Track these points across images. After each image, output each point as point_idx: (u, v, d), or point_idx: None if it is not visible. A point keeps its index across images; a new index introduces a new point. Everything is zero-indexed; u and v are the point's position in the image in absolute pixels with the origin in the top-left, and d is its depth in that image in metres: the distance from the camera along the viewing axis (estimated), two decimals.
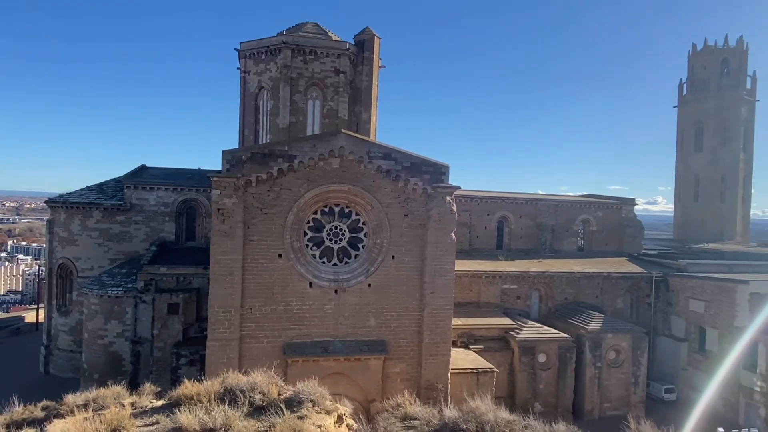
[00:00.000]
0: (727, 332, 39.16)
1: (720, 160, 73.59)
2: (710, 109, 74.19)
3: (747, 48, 75.36)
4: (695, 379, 41.72)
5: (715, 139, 73.74)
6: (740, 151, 74.24)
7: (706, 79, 75.64)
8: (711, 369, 40.34)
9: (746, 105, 74.80)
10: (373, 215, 29.10)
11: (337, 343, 28.38)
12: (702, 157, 75.16)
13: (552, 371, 37.30)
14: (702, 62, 76.52)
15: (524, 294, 43.19)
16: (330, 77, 39.87)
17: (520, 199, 51.51)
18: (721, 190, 73.88)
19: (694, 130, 76.53)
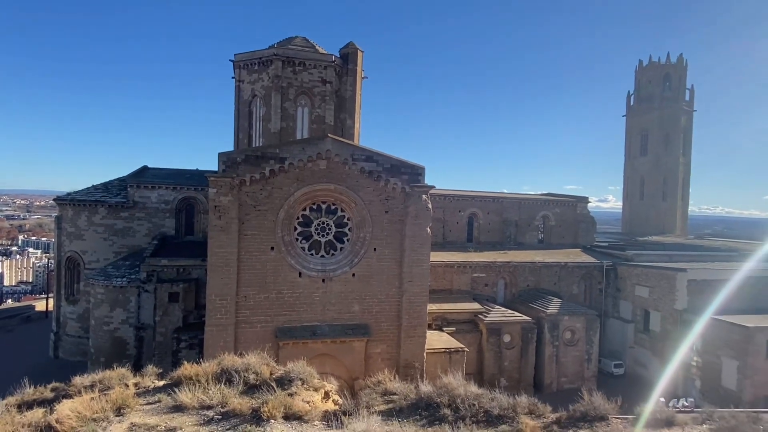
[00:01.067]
0: (668, 314, 40.11)
1: (662, 164, 75.17)
2: (654, 119, 75.67)
3: (686, 64, 77.02)
4: (639, 356, 42.69)
5: (659, 145, 75.27)
6: (680, 155, 75.90)
7: (650, 92, 77.11)
8: (654, 347, 41.35)
9: (685, 115, 76.47)
10: (357, 212, 29.06)
11: (325, 327, 28.32)
12: (647, 160, 76.66)
13: (515, 350, 37.74)
14: (647, 77, 77.96)
15: (491, 282, 43.59)
16: (318, 87, 39.57)
17: (488, 197, 51.90)
18: (663, 190, 75.51)
19: (640, 137, 77.98)
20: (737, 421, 11.21)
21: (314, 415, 10.34)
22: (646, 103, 77.17)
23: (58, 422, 9.26)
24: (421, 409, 11.59)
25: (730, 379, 33.98)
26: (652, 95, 76.73)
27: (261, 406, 10.14)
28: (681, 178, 76.16)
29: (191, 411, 10.27)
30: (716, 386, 34.61)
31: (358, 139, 42.18)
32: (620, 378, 41.60)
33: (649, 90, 77.42)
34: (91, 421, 9.62)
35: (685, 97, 76.76)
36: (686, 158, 77.15)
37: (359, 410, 10.49)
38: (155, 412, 10.39)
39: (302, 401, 10.87)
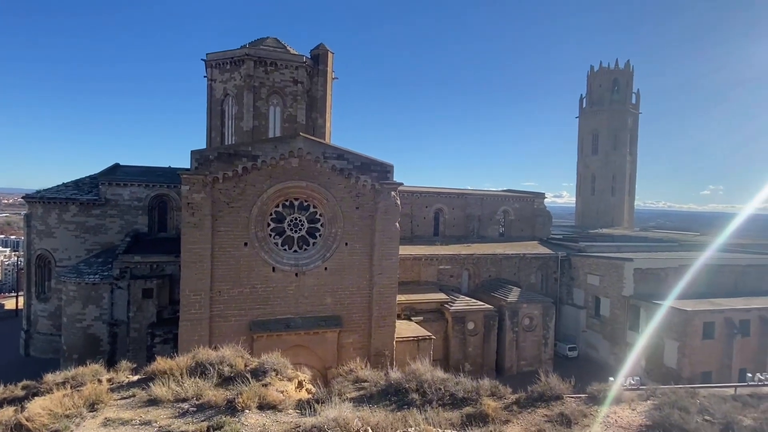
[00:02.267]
0: (617, 300, 41.69)
1: (611, 162, 77.84)
2: (604, 120, 78.19)
3: (632, 70, 79.85)
4: (592, 339, 44.25)
5: (608, 144, 77.87)
6: (627, 154, 78.77)
7: (601, 95, 79.59)
8: (604, 330, 42.94)
9: (632, 117, 79.34)
10: (329, 208, 28.90)
11: (298, 320, 28.08)
12: (597, 159, 79.20)
13: (479, 336, 38.43)
14: (598, 81, 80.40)
15: (456, 273, 44.16)
16: (289, 86, 39.00)
17: (453, 193, 52.48)
18: (612, 186, 78.24)
19: (591, 137, 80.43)
20: (677, 396, 11.81)
21: (288, 404, 10.26)
22: (597, 106, 79.66)
23: (28, 420, 8.85)
24: (391, 394, 11.67)
25: (672, 358, 35.67)
26: (602, 98, 79.25)
27: (236, 396, 9.98)
28: (628, 175, 79.09)
29: (166, 404, 10.02)
30: (659, 365, 36.26)
31: (329, 138, 41.89)
32: (574, 360, 43.01)
33: (599, 93, 79.91)
34: (64, 417, 9.24)
35: (632, 100, 79.61)
36: (632, 157, 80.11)
37: (332, 398, 10.47)
38: (129, 407, 10.07)
39: (276, 391, 10.77)
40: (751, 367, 33.61)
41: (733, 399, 12.81)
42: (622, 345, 40.74)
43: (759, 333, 36.60)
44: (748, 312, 36.71)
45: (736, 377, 33.87)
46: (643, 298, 39.26)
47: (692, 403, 11.42)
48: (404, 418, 9.69)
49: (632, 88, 79.80)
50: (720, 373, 35.06)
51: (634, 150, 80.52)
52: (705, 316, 35.37)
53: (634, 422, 10.96)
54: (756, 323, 36.71)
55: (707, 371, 35.06)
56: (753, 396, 13.38)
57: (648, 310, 38.27)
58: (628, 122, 78.68)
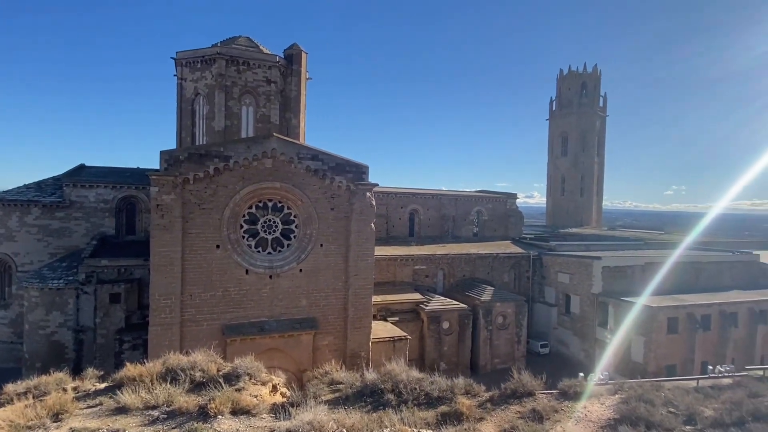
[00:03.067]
0: (586, 298, 42.82)
1: (580, 163, 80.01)
2: (573, 123, 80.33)
3: (600, 74, 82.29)
4: (562, 336, 45.32)
5: (577, 146, 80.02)
6: (595, 155, 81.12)
7: (570, 98, 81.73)
8: (574, 327, 44.04)
9: (599, 119, 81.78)
10: (304, 209, 28.66)
11: (272, 323, 27.71)
12: (567, 160, 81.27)
13: (454, 335, 38.80)
14: (567, 84, 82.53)
15: (431, 273, 44.47)
16: (262, 86, 38.47)
17: (428, 194, 52.84)
18: (581, 187, 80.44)
19: (561, 139, 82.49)
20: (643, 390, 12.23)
21: (262, 409, 10.12)
22: (566, 109, 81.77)
23: None
24: (367, 395, 11.67)
25: (638, 353, 36.87)
26: (571, 101, 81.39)
27: (208, 402, 9.78)
28: (596, 176, 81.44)
29: (135, 412, 9.72)
30: (627, 360, 37.43)
31: (304, 139, 41.54)
32: (546, 356, 43.94)
33: (568, 96, 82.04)
34: (26, 429, 8.85)
35: (599, 103, 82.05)
36: (600, 158, 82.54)
37: (307, 401, 10.39)
38: (96, 416, 9.73)
39: (250, 395, 10.60)
40: (712, 360, 35.07)
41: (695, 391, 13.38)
42: (591, 341, 41.86)
43: (719, 327, 38.25)
44: (710, 307, 38.32)
45: (698, 370, 35.32)
46: (611, 295, 40.45)
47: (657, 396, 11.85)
48: (380, 419, 9.70)
49: (600, 92, 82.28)
50: (683, 366, 36.46)
51: (602, 152, 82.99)
52: (669, 312, 36.72)
53: (603, 416, 11.28)
54: (716, 318, 38.35)
55: (672, 365, 36.39)
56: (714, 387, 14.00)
57: (616, 307, 39.46)
58: (596, 125, 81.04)
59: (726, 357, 37.02)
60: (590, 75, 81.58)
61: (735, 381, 14.96)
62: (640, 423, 10.33)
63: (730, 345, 38.09)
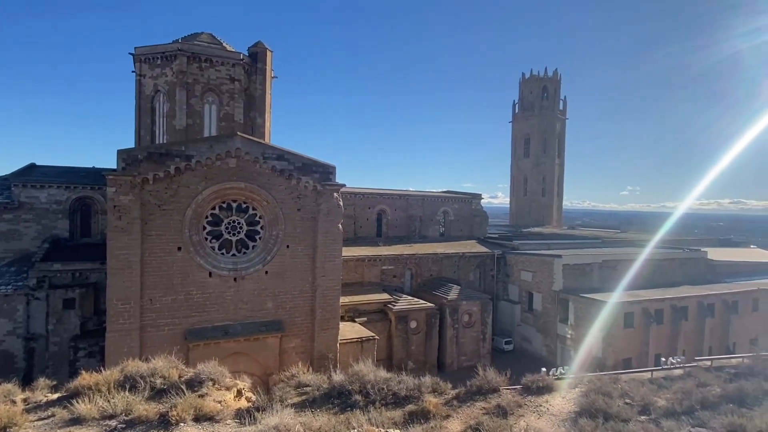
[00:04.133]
0: (548, 295, 44.17)
1: (541, 164, 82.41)
2: (535, 125, 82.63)
3: (560, 78, 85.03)
4: (526, 332, 46.56)
5: (538, 148, 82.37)
6: (556, 157, 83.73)
7: (531, 101, 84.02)
8: (537, 324, 45.32)
9: (559, 122, 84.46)
10: (269, 210, 28.28)
11: (237, 326, 27.19)
12: (529, 161, 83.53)
13: (421, 335, 39.16)
14: (529, 87, 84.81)
15: (399, 273, 44.74)
16: (225, 84, 37.61)
17: (395, 194, 53.11)
18: (543, 187, 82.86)
19: (523, 141, 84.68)
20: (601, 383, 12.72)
21: (226, 414, 9.88)
22: (528, 112, 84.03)
23: None
24: (334, 397, 11.60)
25: (597, 347, 38.32)
26: (532, 104, 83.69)
27: (169, 410, 9.46)
28: (557, 177, 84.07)
29: (91, 422, 9.29)
30: (587, 355, 38.82)
31: (269, 138, 40.90)
32: (510, 353, 45.04)
33: (530, 100, 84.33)
34: None
35: (560, 106, 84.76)
36: (561, 160, 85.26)
37: (273, 405, 10.22)
38: (49, 428, 9.24)
39: (213, 401, 10.34)
40: (665, 352, 36.87)
41: (649, 382, 14.04)
42: (553, 337, 43.20)
43: (671, 321, 40.28)
44: (662, 302, 40.30)
45: (652, 362, 37.07)
46: (571, 292, 41.88)
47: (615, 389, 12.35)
48: (347, 421, 9.66)
49: (560, 95, 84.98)
50: (639, 358, 38.18)
51: (562, 153, 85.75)
52: (626, 307, 38.37)
53: (564, 409, 11.66)
54: (668, 312, 40.38)
55: (628, 358, 38.03)
56: (666, 378, 14.73)
57: (576, 303, 40.87)
58: (557, 127, 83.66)
59: (677, 349, 39.04)
60: (551, 79, 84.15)
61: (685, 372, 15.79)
62: (598, 415, 10.75)
63: (681, 337, 40.19)
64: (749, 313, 44.96)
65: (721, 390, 12.72)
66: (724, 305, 43.44)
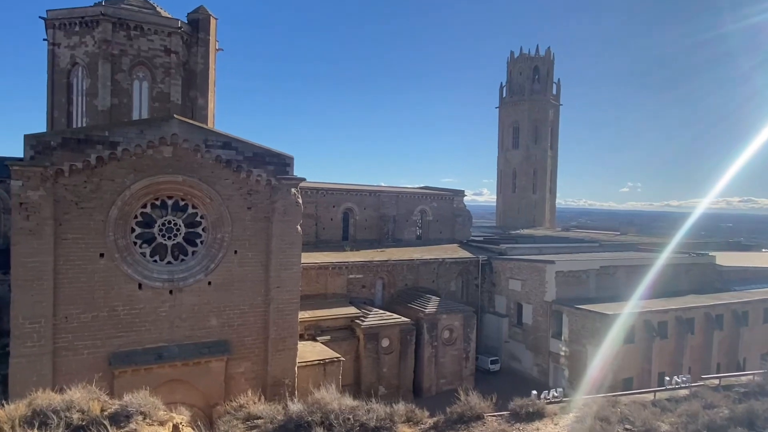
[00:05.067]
0: (539, 306, 45.14)
1: (532, 156, 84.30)
2: (525, 111, 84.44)
3: (553, 58, 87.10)
4: (514, 350, 47.46)
5: (529, 137, 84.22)
6: (548, 148, 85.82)
7: (521, 84, 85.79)
8: (527, 340, 46.27)
9: (552, 108, 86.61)
10: (213, 208, 27.87)
11: (174, 348, 26.68)
12: (518, 153, 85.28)
13: (394, 354, 39.32)
14: (518, 68, 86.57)
15: (369, 283, 44.78)
16: (160, 57, 36.76)
17: (365, 191, 53.14)
18: (534, 183, 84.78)
19: (512, 129, 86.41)
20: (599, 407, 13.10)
21: None
22: (518, 96, 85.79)
23: None
24: (291, 431, 11.51)
25: (595, 366, 39.35)
26: (522, 87, 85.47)
27: None
28: (549, 171, 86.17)
29: None
30: (582, 374, 39.86)
31: (213, 123, 40.34)
32: (496, 374, 45.78)
33: (519, 82, 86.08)
34: None
35: (553, 90, 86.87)
36: (554, 151, 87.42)
37: None
38: None
39: None
40: (669, 370, 38.32)
41: (652, 405, 14.56)
42: (545, 355, 44.18)
43: (675, 334, 41.88)
44: (666, 313, 41.83)
45: (655, 381, 38.39)
46: (565, 303, 42.92)
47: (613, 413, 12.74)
48: None
49: (553, 78, 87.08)
50: (641, 377, 39.52)
51: (555, 144, 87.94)
52: (626, 320, 39.55)
53: None
54: (673, 325, 41.96)
55: (629, 377, 39.27)
56: (671, 400, 15.32)
57: (570, 315, 41.93)
58: (549, 114, 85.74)
59: (683, 366, 40.60)
60: (543, 59, 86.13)
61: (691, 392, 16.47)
62: None
63: (686, 353, 41.81)
64: (760, 325, 47.21)
65: (729, 412, 13.32)
66: (734, 316, 45.45)
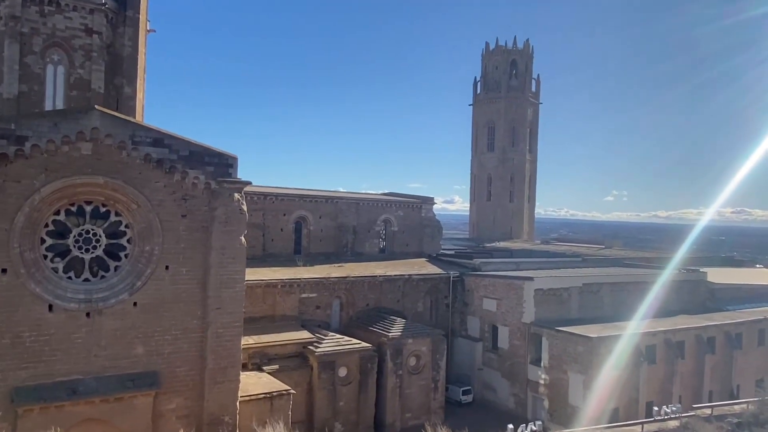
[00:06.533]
0: (516, 329, 45.61)
1: (509, 160, 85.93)
2: (501, 110, 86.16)
3: (532, 51, 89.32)
4: (489, 378, 47.76)
5: (505, 139, 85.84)
6: (527, 151, 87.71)
7: (497, 79, 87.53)
8: (503, 367, 46.64)
9: (531, 107, 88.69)
10: (140, 216, 27.41)
11: (91, 381, 26.06)
12: (494, 156, 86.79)
13: (353, 385, 38.93)
14: (494, 62, 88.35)
15: (324, 303, 44.31)
16: (79, 37, 35.71)
17: (320, 197, 52.76)
18: (511, 190, 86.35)
19: (487, 129, 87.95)
20: None
21: None
22: (493, 92, 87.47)
23: None
24: None
25: (577, 395, 40.02)
26: (498, 83, 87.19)
27: None
28: (528, 177, 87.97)
29: None
30: (564, 404, 40.45)
31: (143, 116, 39.58)
32: (469, 406, 45.97)
33: (495, 77, 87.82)
34: None
35: (532, 87, 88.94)
36: (533, 155, 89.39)
37: None
38: None
39: None
40: (658, 399, 39.35)
41: None
42: (522, 384, 44.63)
43: (665, 359, 43.08)
44: (654, 336, 43.00)
45: (643, 411, 39.30)
46: (545, 324, 43.53)
47: None
48: None
49: (532, 73, 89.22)
50: (627, 408, 40.33)
51: (535, 147, 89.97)
52: (611, 343, 40.42)
53: None
54: (662, 348, 43.16)
55: (614, 408, 40.01)
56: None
57: (551, 338, 42.52)
58: (528, 114, 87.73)
59: (672, 394, 41.75)
60: (521, 52, 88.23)
61: (682, 423, 16.80)
62: None
63: (676, 380, 43.04)
64: (754, 348, 49.16)
65: None
66: (727, 339, 47.16)
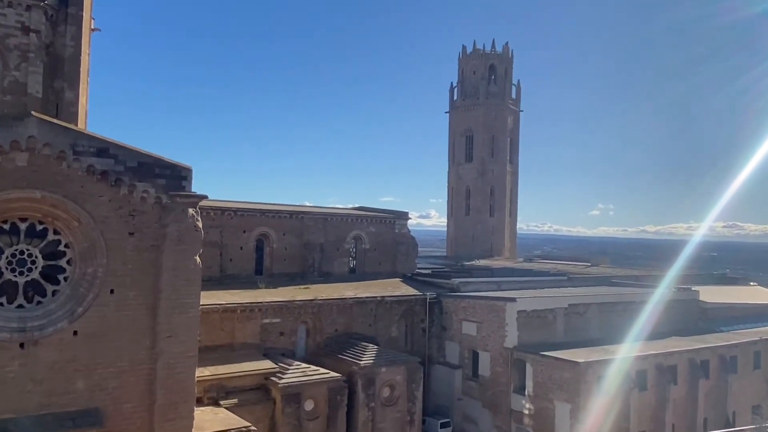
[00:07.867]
0: (498, 354, 45.67)
1: (489, 172, 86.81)
2: (479, 117, 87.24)
3: (512, 55, 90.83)
4: (469, 409, 47.64)
5: (484, 149, 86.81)
6: (507, 162, 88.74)
7: (475, 85, 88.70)
8: (484, 396, 46.60)
9: (512, 115, 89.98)
10: (82, 234, 26.94)
11: (25, 421, 25.28)
12: (472, 167, 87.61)
13: (321, 420, 38.48)
14: (471, 66, 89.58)
15: (289, 329, 43.86)
16: (14, 36, 35.04)
17: (284, 212, 52.44)
18: (491, 203, 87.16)
19: (464, 139, 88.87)
20: None
21: None
22: (471, 99, 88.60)
23: None
24: None
25: (564, 425, 40.16)
26: (476, 89, 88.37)
27: None
28: (509, 190, 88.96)
29: None
30: None
31: (86, 123, 38.94)
32: None
33: (473, 82, 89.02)
34: None
35: (512, 94, 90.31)
36: (514, 166, 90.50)
37: None
38: None
39: None
40: (650, 428, 39.68)
41: None
42: (505, 414, 44.63)
43: (656, 385, 43.56)
44: (645, 360, 43.48)
45: None
46: (529, 349, 43.71)
47: None
48: None
49: (512, 78, 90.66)
50: None
51: (516, 157, 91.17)
52: (600, 369, 40.77)
53: None
54: (653, 374, 43.64)
55: None
56: None
57: (535, 365, 42.68)
58: (508, 122, 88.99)
59: (665, 424, 42.22)
60: (500, 56, 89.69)
61: None
62: None
63: (669, 408, 43.52)
64: (750, 372, 50.12)
65: None
66: (721, 362, 47.98)
